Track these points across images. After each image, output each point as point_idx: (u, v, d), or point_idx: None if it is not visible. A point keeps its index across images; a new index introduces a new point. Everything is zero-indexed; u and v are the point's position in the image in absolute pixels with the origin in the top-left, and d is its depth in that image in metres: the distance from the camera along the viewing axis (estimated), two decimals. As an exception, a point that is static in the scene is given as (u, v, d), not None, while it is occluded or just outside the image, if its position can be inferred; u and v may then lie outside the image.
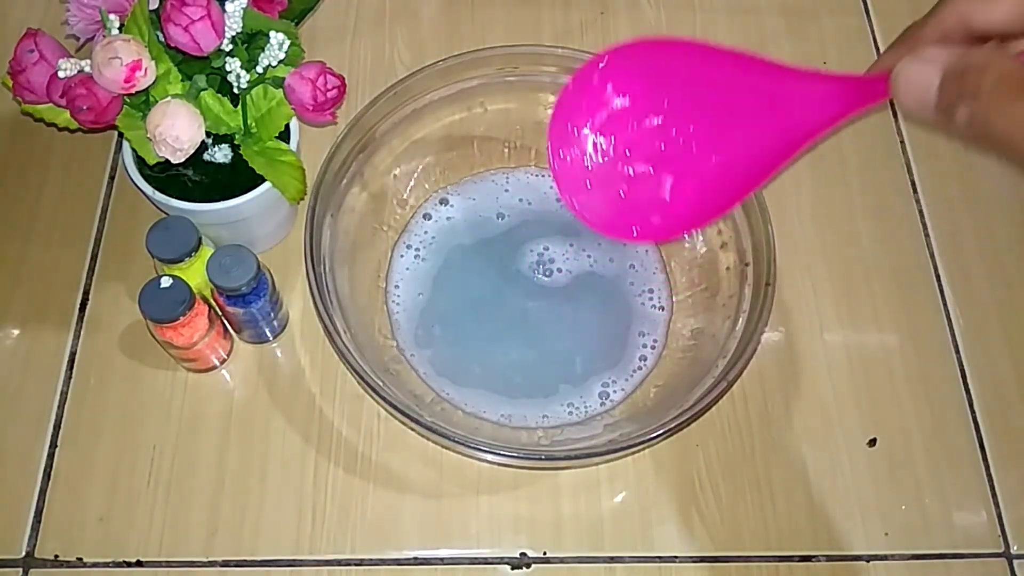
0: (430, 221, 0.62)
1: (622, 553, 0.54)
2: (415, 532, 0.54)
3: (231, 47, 0.49)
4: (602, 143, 0.46)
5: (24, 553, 0.52)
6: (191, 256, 0.52)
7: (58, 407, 0.56)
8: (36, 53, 0.48)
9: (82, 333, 0.59)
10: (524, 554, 0.53)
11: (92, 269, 0.61)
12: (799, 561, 0.54)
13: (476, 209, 0.62)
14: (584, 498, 0.55)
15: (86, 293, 0.60)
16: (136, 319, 0.58)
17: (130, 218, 0.62)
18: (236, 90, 0.50)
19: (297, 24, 0.54)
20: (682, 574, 0.53)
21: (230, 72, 0.49)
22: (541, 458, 0.50)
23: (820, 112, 0.39)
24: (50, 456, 0.55)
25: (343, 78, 0.50)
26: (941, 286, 0.63)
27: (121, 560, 0.52)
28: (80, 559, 0.52)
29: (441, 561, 0.53)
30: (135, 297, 0.50)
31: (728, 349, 0.51)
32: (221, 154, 0.55)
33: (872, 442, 0.57)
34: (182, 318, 0.50)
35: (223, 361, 0.58)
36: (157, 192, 0.53)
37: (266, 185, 0.53)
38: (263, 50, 0.49)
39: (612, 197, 0.47)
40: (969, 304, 0.62)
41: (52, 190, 0.63)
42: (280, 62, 0.49)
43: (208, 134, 0.52)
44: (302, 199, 0.53)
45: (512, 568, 0.53)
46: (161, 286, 0.50)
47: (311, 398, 0.57)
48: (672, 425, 0.48)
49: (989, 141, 0.31)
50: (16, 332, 0.59)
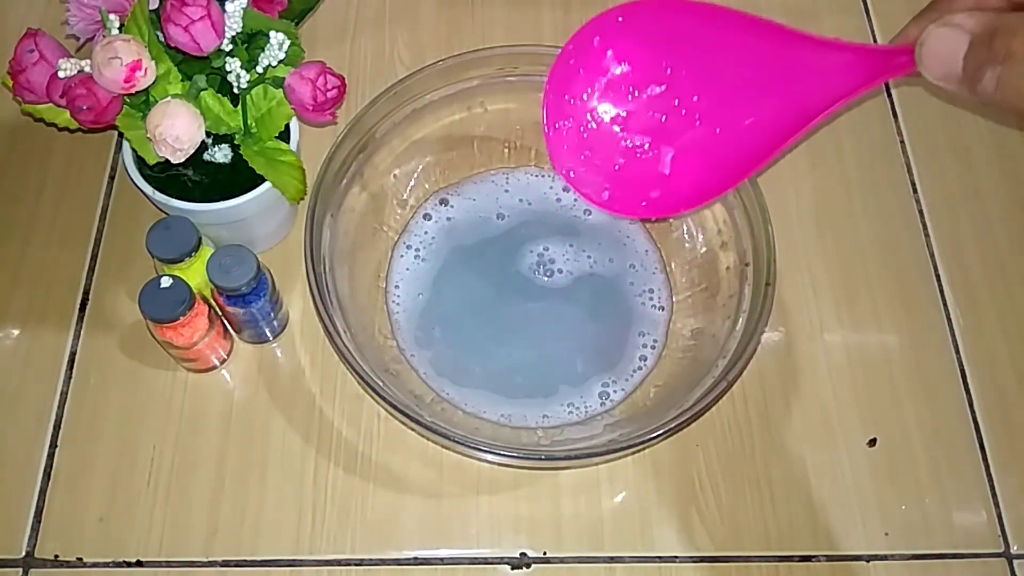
0: (430, 221, 0.62)
1: (622, 553, 0.54)
2: (415, 532, 0.54)
3: (231, 47, 0.49)
4: (599, 113, 0.44)
5: (24, 553, 0.52)
6: (191, 256, 0.52)
7: (58, 407, 0.56)
8: (36, 53, 0.48)
9: (82, 333, 0.59)
10: (524, 554, 0.53)
11: (92, 269, 0.61)
12: (799, 561, 0.54)
13: (476, 209, 0.62)
14: (584, 498, 0.55)
15: (86, 293, 0.60)
16: (136, 319, 0.58)
17: (130, 218, 0.62)
18: (236, 90, 0.50)
19: (297, 24, 0.54)
20: (682, 574, 0.53)
21: (230, 72, 0.49)
22: (541, 458, 0.50)
23: (838, 84, 0.37)
24: (50, 456, 0.55)
25: (343, 78, 0.50)
26: (941, 286, 0.63)
27: (121, 560, 0.52)
28: (80, 559, 0.52)
29: (441, 561, 0.53)
30: (135, 297, 0.50)
31: (728, 349, 0.51)
32: (221, 154, 0.55)
33: (872, 442, 0.57)
34: (182, 318, 0.50)
35: (223, 361, 0.58)
36: (157, 192, 0.53)
37: (266, 185, 0.53)
38: (263, 50, 0.49)
39: (609, 170, 0.44)
40: (969, 304, 0.62)
41: (52, 190, 0.63)
42: (280, 62, 0.49)
43: (208, 134, 0.52)
44: (302, 199, 0.53)
45: (512, 568, 0.53)
46: (161, 286, 0.50)
47: (311, 398, 0.57)
48: (672, 425, 0.48)
49: (1018, 108, 0.29)
50: (16, 332, 0.59)
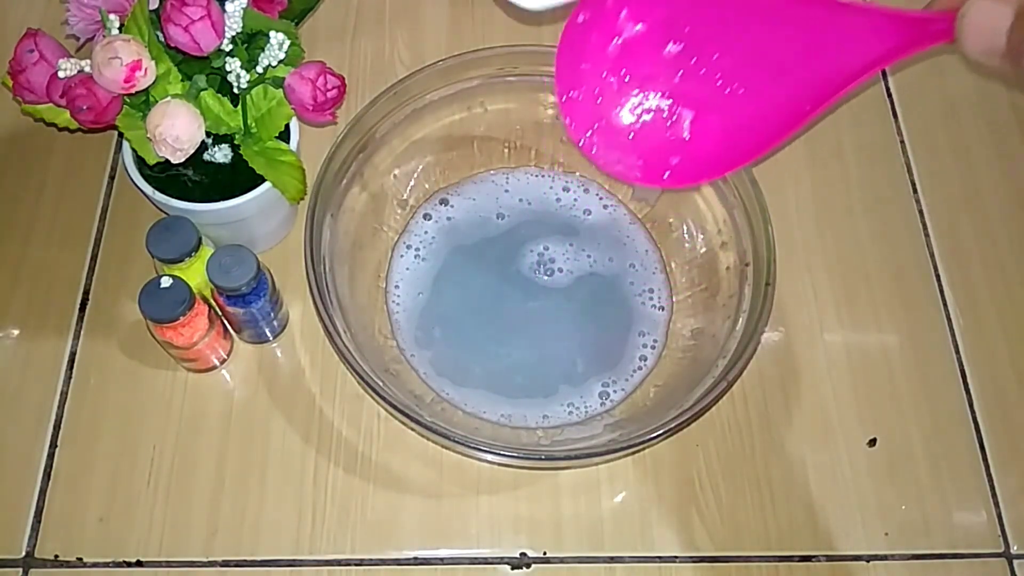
0: (430, 221, 0.62)
1: (622, 553, 0.54)
2: (415, 532, 0.54)
3: (231, 47, 0.49)
4: (614, 78, 0.41)
5: (24, 553, 0.52)
6: (191, 256, 0.52)
7: (58, 407, 0.56)
8: (36, 53, 0.48)
9: (82, 333, 0.59)
10: (524, 554, 0.53)
11: (92, 269, 0.61)
12: (799, 561, 0.54)
13: (476, 209, 0.62)
14: (584, 498, 0.55)
15: (86, 293, 0.60)
16: (136, 319, 0.58)
17: (130, 218, 0.62)
18: (236, 90, 0.50)
19: (297, 24, 0.54)
20: (682, 574, 0.53)
21: (230, 72, 0.49)
22: (541, 458, 0.50)
23: (872, 49, 0.35)
24: (50, 456, 0.55)
25: (343, 78, 0.50)
26: (941, 286, 0.63)
27: (121, 560, 0.52)
28: (80, 559, 0.52)
29: (441, 561, 0.53)
30: (135, 297, 0.50)
31: (728, 349, 0.51)
32: (221, 154, 0.55)
33: (872, 442, 0.57)
34: (182, 318, 0.50)
35: (223, 361, 0.58)
36: (157, 192, 0.53)
37: (266, 185, 0.53)
38: (263, 50, 0.49)
39: (626, 138, 0.42)
40: (969, 304, 0.62)
41: (52, 190, 0.63)
42: (280, 62, 0.49)
43: (208, 134, 0.52)
44: (302, 199, 0.53)
45: (512, 568, 0.53)
46: (161, 286, 0.50)
47: (311, 398, 0.57)
48: (672, 425, 0.48)
49: None
50: (16, 332, 0.59)
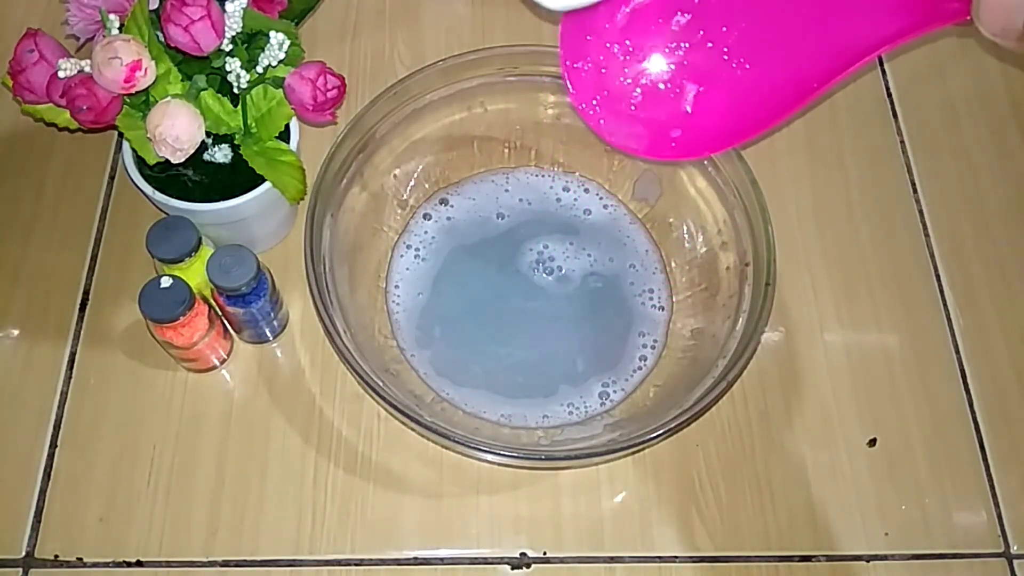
0: (430, 221, 0.62)
1: (622, 553, 0.54)
2: (415, 532, 0.54)
3: (231, 47, 0.49)
4: (620, 47, 0.41)
5: (24, 553, 0.52)
6: (191, 256, 0.52)
7: (58, 407, 0.56)
8: (36, 53, 0.48)
9: (82, 333, 0.59)
10: (524, 554, 0.53)
11: (92, 269, 0.61)
12: (799, 561, 0.54)
13: (476, 209, 0.62)
14: (584, 498, 0.55)
15: (86, 293, 0.60)
16: (136, 319, 0.58)
17: (130, 218, 0.62)
18: (236, 90, 0.50)
19: (297, 24, 0.54)
20: (682, 574, 0.53)
21: (230, 72, 0.49)
22: (541, 458, 0.50)
23: (883, 26, 0.34)
24: (50, 456, 0.55)
25: (343, 78, 0.50)
26: (941, 286, 0.63)
27: (121, 560, 0.52)
28: (80, 559, 0.52)
29: (441, 561, 0.53)
30: (135, 297, 0.50)
31: (728, 349, 0.51)
32: (221, 154, 0.55)
33: (872, 442, 0.57)
34: (182, 318, 0.50)
35: (223, 361, 0.58)
36: (157, 192, 0.53)
37: (266, 185, 0.53)
38: (263, 50, 0.49)
39: (629, 108, 0.42)
40: (969, 304, 0.62)
41: (52, 190, 0.63)
42: (280, 62, 0.49)
43: (208, 134, 0.52)
44: (302, 199, 0.53)
45: (512, 568, 0.53)
46: (161, 286, 0.50)
47: (311, 398, 0.57)
48: (672, 425, 0.48)
49: None
50: (16, 332, 0.59)
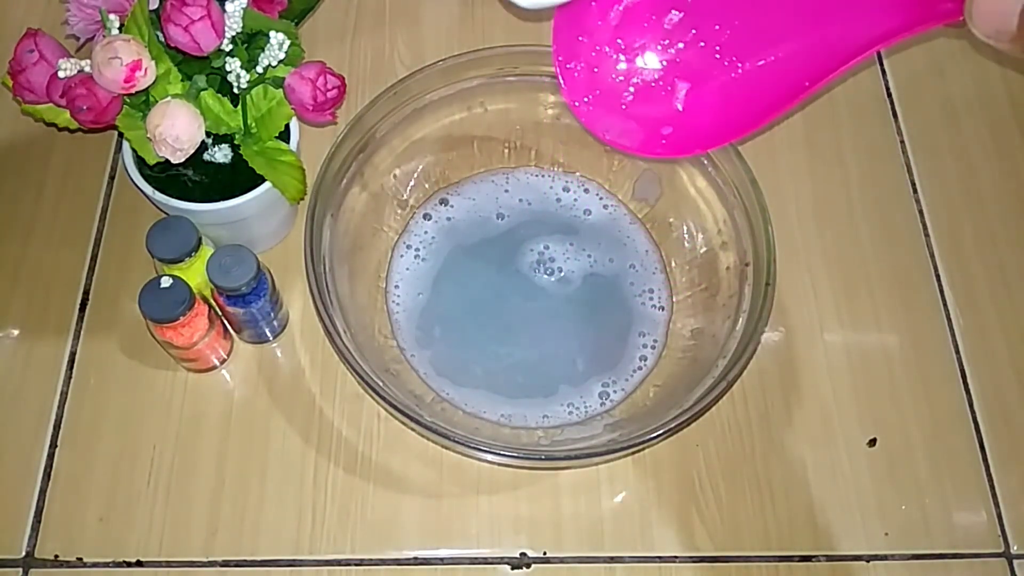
0: (430, 221, 0.62)
1: (622, 553, 0.54)
2: (415, 532, 0.54)
3: (231, 47, 0.49)
4: (612, 44, 0.41)
5: (24, 553, 0.52)
6: (191, 256, 0.52)
7: (58, 407, 0.56)
8: (36, 53, 0.48)
9: (82, 333, 0.59)
10: (524, 554, 0.53)
11: (92, 269, 0.61)
12: (799, 561, 0.54)
13: (476, 209, 0.62)
14: (584, 498, 0.55)
15: (86, 293, 0.60)
16: (136, 319, 0.57)
17: (130, 218, 0.62)
18: (236, 90, 0.50)
19: (297, 24, 0.54)
20: (682, 574, 0.53)
21: (230, 72, 0.49)
22: (541, 458, 0.50)
23: (875, 26, 0.34)
24: (50, 456, 0.55)
25: (343, 78, 0.50)
26: (941, 286, 0.63)
27: (121, 560, 0.52)
28: (80, 559, 0.52)
29: (441, 561, 0.53)
30: (135, 297, 0.50)
31: (728, 349, 0.51)
32: (221, 154, 0.55)
33: (872, 442, 0.57)
34: (182, 318, 0.50)
35: (223, 361, 0.58)
36: (157, 192, 0.53)
37: (266, 185, 0.53)
38: (263, 50, 0.49)
39: (620, 106, 0.42)
40: (969, 304, 0.62)
41: (52, 190, 0.63)
42: (280, 62, 0.49)
43: (208, 134, 0.52)
44: (302, 199, 0.53)
45: (512, 568, 0.53)
46: (161, 286, 0.50)
47: (311, 398, 0.57)
48: (672, 425, 0.48)
49: None
50: (16, 332, 0.59)
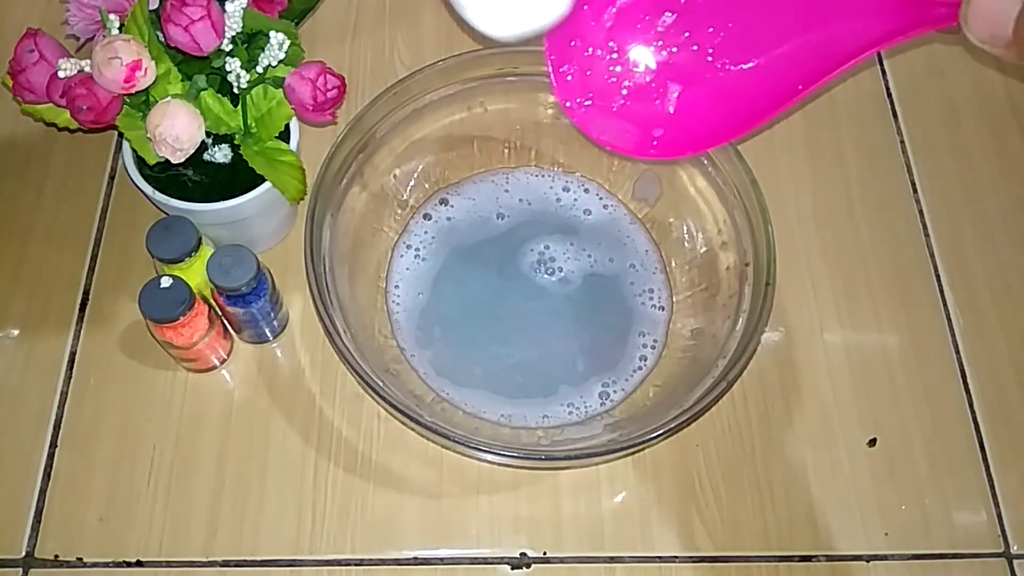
0: (430, 221, 0.62)
1: (622, 553, 0.54)
2: (415, 532, 0.54)
3: (231, 47, 0.49)
4: (605, 47, 0.41)
5: (24, 553, 0.52)
6: (191, 256, 0.52)
7: (58, 407, 0.56)
8: (36, 53, 0.48)
9: (82, 333, 0.59)
10: (524, 554, 0.53)
11: (92, 269, 0.61)
12: (799, 561, 0.54)
13: (476, 209, 0.62)
14: (584, 498, 0.55)
15: (86, 293, 0.60)
16: (136, 319, 0.58)
17: (130, 218, 0.62)
18: (236, 90, 0.50)
19: (297, 24, 0.54)
20: (682, 574, 0.53)
21: (230, 72, 0.49)
22: (541, 458, 0.50)
23: (869, 30, 0.34)
24: (50, 456, 0.55)
25: (343, 78, 0.50)
26: (941, 286, 0.63)
27: (121, 560, 0.52)
28: (80, 559, 0.52)
29: (441, 561, 0.53)
30: (135, 297, 0.50)
31: (728, 349, 0.51)
32: (221, 154, 0.55)
33: (872, 442, 0.57)
34: (182, 318, 0.50)
35: (223, 361, 0.58)
36: (157, 192, 0.53)
37: (266, 185, 0.53)
38: (263, 50, 0.49)
39: (611, 108, 0.42)
40: (969, 304, 0.62)
41: (52, 190, 0.63)
42: (280, 62, 0.49)
43: (208, 134, 0.52)
44: (302, 199, 0.53)
45: (512, 568, 0.53)
46: (161, 286, 0.50)
47: (311, 398, 0.57)
48: (672, 425, 0.48)
49: None
50: (16, 332, 0.59)
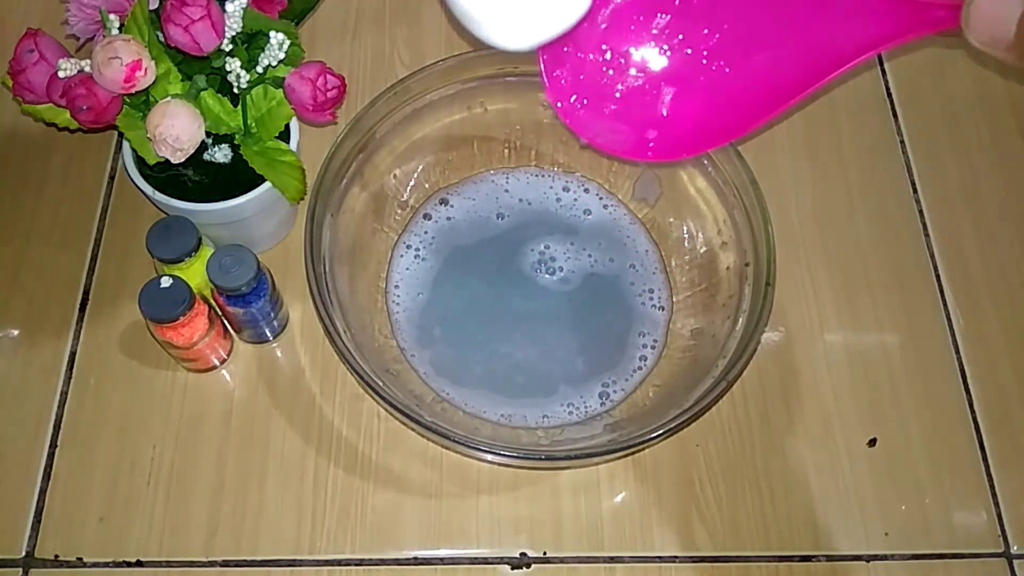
0: (430, 221, 0.62)
1: (622, 553, 0.54)
2: (415, 532, 0.54)
3: (231, 47, 0.49)
4: (598, 50, 0.41)
5: (24, 553, 0.52)
6: (191, 256, 0.52)
7: (58, 407, 0.56)
8: (36, 53, 0.48)
9: (82, 333, 0.59)
10: (524, 554, 0.53)
11: (92, 269, 0.61)
12: (799, 561, 0.54)
13: (476, 209, 0.62)
14: (584, 498, 0.55)
15: (86, 293, 0.60)
16: (136, 319, 0.58)
17: (130, 218, 0.62)
18: (236, 90, 0.50)
19: (297, 24, 0.54)
20: (682, 574, 0.53)
21: (230, 72, 0.49)
22: (541, 458, 0.50)
23: (867, 32, 0.33)
24: (50, 456, 0.55)
25: (343, 78, 0.50)
26: (941, 286, 0.63)
27: (121, 560, 0.52)
28: (80, 559, 0.52)
29: (441, 561, 0.53)
30: (135, 297, 0.50)
31: (728, 349, 0.51)
32: (221, 154, 0.55)
33: (872, 442, 0.57)
34: (182, 318, 0.50)
35: (223, 361, 0.58)
36: (157, 192, 0.53)
37: (266, 185, 0.53)
38: (263, 50, 0.49)
39: (605, 110, 0.42)
40: (969, 304, 0.62)
41: (52, 190, 0.63)
42: (280, 62, 0.49)
43: (208, 134, 0.52)
44: (302, 199, 0.53)
45: (512, 568, 0.53)
46: (161, 286, 0.50)
47: (311, 398, 0.57)
48: (672, 425, 0.48)
49: None
50: (16, 332, 0.59)
